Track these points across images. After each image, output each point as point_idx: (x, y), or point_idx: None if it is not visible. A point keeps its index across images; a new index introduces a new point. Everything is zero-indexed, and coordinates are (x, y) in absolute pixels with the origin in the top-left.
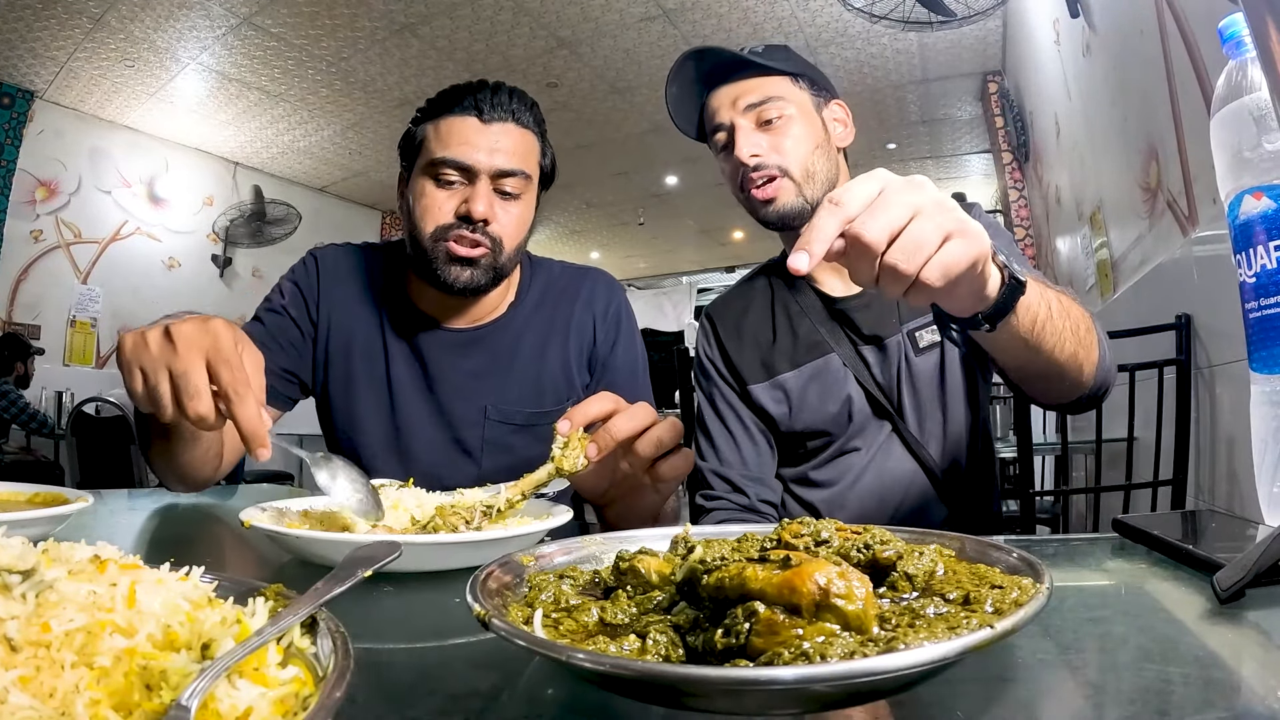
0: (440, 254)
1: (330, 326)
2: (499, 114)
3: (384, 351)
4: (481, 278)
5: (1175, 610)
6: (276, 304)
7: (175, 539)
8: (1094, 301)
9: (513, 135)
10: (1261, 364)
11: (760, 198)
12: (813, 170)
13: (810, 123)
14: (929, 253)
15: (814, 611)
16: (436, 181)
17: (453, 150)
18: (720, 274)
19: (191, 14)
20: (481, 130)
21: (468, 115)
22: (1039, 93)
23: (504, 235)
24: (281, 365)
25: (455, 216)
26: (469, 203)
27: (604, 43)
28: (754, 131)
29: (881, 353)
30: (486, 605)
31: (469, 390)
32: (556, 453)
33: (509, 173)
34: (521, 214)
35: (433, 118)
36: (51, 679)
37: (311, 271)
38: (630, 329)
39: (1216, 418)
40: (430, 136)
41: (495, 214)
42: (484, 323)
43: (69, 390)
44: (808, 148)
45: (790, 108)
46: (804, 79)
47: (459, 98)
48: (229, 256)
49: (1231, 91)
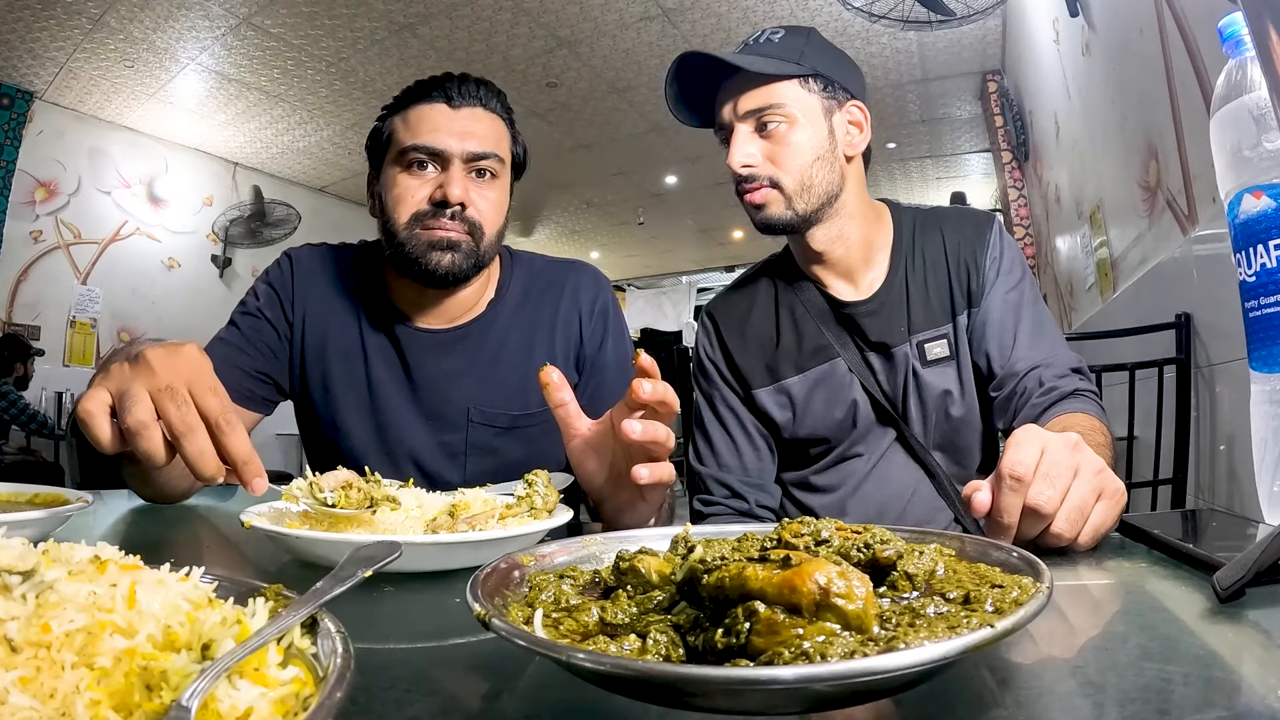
0: (418, 242)
1: (306, 327)
2: (467, 100)
3: (362, 352)
4: (463, 263)
5: (1175, 610)
6: (252, 307)
7: (175, 539)
8: (1094, 301)
9: (482, 119)
10: (1261, 363)
11: (750, 203)
12: (808, 182)
13: (814, 131)
14: (1086, 514)
15: (814, 611)
16: (408, 170)
17: (423, 136)
18: (720, 274)
19: (191, 14)
20: (451, 115)
21: (436, 102)
22: (1038, 92)
23: (482, 220)
24: (258, 369)
25: (430, 203)
26: (444, 187)
27: (604, 43)
28: (750, 138)
29: (888, 361)
30: (486, 605)
31: (451, 392)
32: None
33: (482, 155)
34: (497, 198)
35: (400, 110)
36: (52, 679)
37: (286, 272)
38: (618, 324)
39: (1216, 417)
40: (399, 128)
41: (471, 198)
42: (464, 321)
43: (69, 391)
44: (805, 159)
45: (793, 115)
46: (817, 79)
47: (427, 88)
48: (229, 257)
49: (1231, 90)
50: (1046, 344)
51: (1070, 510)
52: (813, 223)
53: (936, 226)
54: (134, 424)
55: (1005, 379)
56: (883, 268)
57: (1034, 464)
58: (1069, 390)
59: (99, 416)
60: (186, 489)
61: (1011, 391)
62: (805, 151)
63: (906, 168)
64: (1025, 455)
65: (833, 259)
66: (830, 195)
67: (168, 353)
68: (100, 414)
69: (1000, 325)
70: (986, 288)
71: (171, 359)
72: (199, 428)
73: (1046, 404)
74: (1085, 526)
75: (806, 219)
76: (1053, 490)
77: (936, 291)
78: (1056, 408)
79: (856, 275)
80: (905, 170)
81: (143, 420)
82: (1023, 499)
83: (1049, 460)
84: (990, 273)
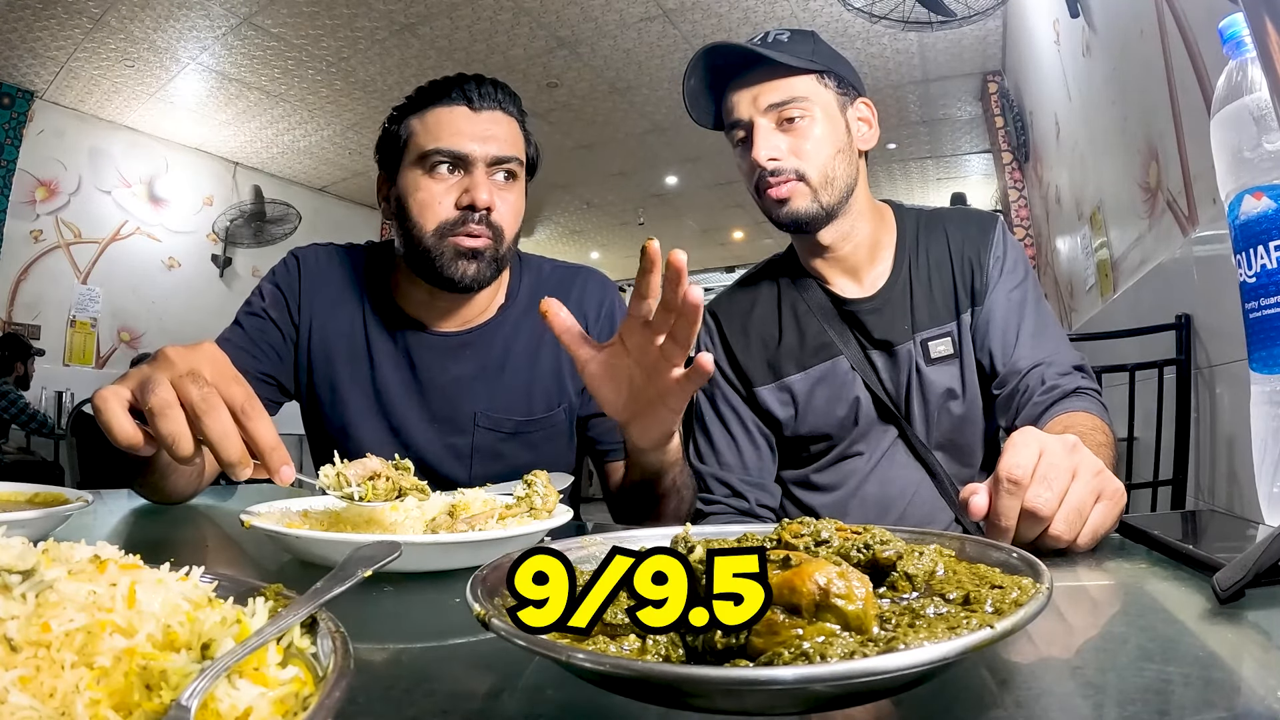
0: (447, 250)
1: (312, 328)
2: (488, 103)
3: (368, 354)
4: (486, 270)
5: (1175, 610)
6: (257, 307)
7: (175, 539)
8: (1094, 301)
9: (502, 123)
10: (1261, 364)
11: (775, 197)
12: (832, 175)
13: (833, 125)
14: (1085, 516)
15: (814, 611)
16: (431, 174)
17: (446, 140)
18: (720, 274)
19: (191, 14)
20: (473, 118)
21: (457, 105)
22: (1039, 93)
23: (504, 224)
24: (262, 371)
25: (457, 209)
26: (470, 192)
27: (604, 43)
28: (774, 132)
29: (891, 359)
30: (486, 605)
31: (458, 396)
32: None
33: (505, 159)
34: (517, 202)
35: (417, 112)
36: (51, 679)
37: (293, 272)
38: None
39: (1216, 418)
40: (418, 131)
41: (494, 202)
42: (473, 326)
43: (69, 390)
44: (828, 152)
45: (814, 109)
46: (830, 75)
47: (445, 89)
48: (229, 256)
49: (1231, 91)
50: (1049, 343)
51: (1068, 512)
52: (834, 216)
53: (940, 226)
54: (157, 403)
55: (1008, 376)
56: (886, 265)
57: (1031, 466)
58: (1071, 388)
59: (113, 402)
60: (195, 488)
61: (1014, 389)
62: (827, 145)
63: (907, 168)
64: (1023, 458)
65: (840, 256)
66: (849, 189)
67: (187, 349)
68: (116, 401)
69: (1003, 323)
70: (990, 286)
71: (191, 353)
72: (221, 407)
73: (1048, 402)
74: (1084, 528)
75: (830, 212)
76: (1050, 493)
77: (940, 289)
78: (1058, 406)
79: (861, 273)
80: (905, 171)
81: (166, 400)
82: (1020, 502)
83: (1047, 463)
84: (994, 271)
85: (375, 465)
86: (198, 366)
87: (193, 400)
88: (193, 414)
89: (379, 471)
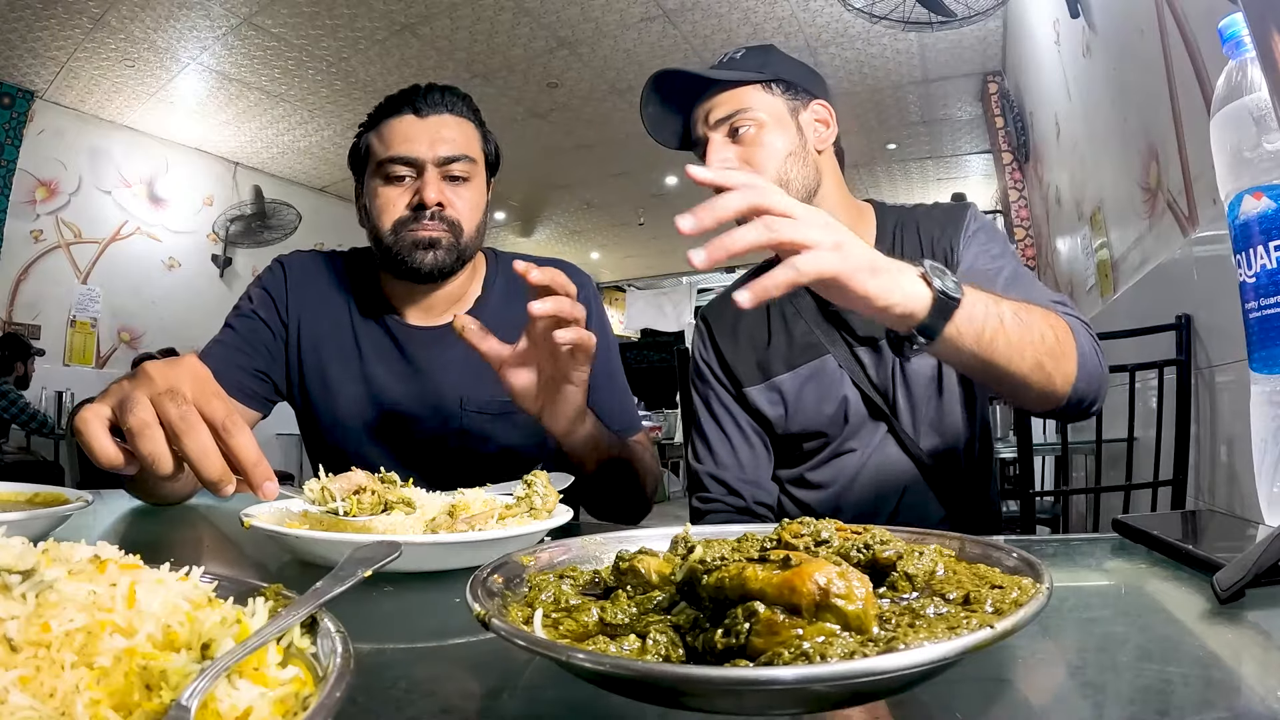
0: (404, 243)
1: (301, 326)
2: (434, 108)
3: (356, 346)
4: (445, 257)
5: (1175, 610)
6: (246, 309)
7: (175, 539)
8: (1094, 302)
9: (450, 125)
10: (1261, 364)
11: None
12: (785, 178)
13: (784, 130)
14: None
15: (814, 611)
16: (386, 180)
17: (396, 148)
18: (720, 274)
19: (191, 14)
20: (419, 124)
21: (405, 114)
22: (1039, 93)
23: (460, 218)
24: (256, 367)
25: (409, 209)
26: (420, 193)
27: (604, 43)
28: (725, 145)
29: (876, 354)
30: (486, 605)
31: (444, 382)
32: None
33: (453, 158)
34: (473, 197)
35: (374, 126)
36: (51, 679)
37: (279, 276)
38: (601, 321)
39: (1216, 418)
40: (374, 143)
41: (447, 198)
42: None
43: (69, 390)
44: (779, 157)
45: (761, 117)
46: (779, 84)
47: (396, 103)
48: (229, 256)
49: (1231, 91)
50: (1024, 288)
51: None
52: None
53: (914, 222)
54: (135, 423)
55: None
56: None
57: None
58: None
59: (94, 423)
60: (189, 491)
61: None
62: (778, 150)
63: (907, 168)
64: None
65: None
66: (810, 189)
67: (167, 364)
68: (96, 422)
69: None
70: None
71: (171, 369)
72: (200, 426)
73: None
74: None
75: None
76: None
77: None
78: None
79: None
80: (905, 171)
81: (144, 420)
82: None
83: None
84: (966, 249)
85: (361, 479)
86: (178, 383)
87: (171, 419)
88: (171, 433)
89: (365, 485)
